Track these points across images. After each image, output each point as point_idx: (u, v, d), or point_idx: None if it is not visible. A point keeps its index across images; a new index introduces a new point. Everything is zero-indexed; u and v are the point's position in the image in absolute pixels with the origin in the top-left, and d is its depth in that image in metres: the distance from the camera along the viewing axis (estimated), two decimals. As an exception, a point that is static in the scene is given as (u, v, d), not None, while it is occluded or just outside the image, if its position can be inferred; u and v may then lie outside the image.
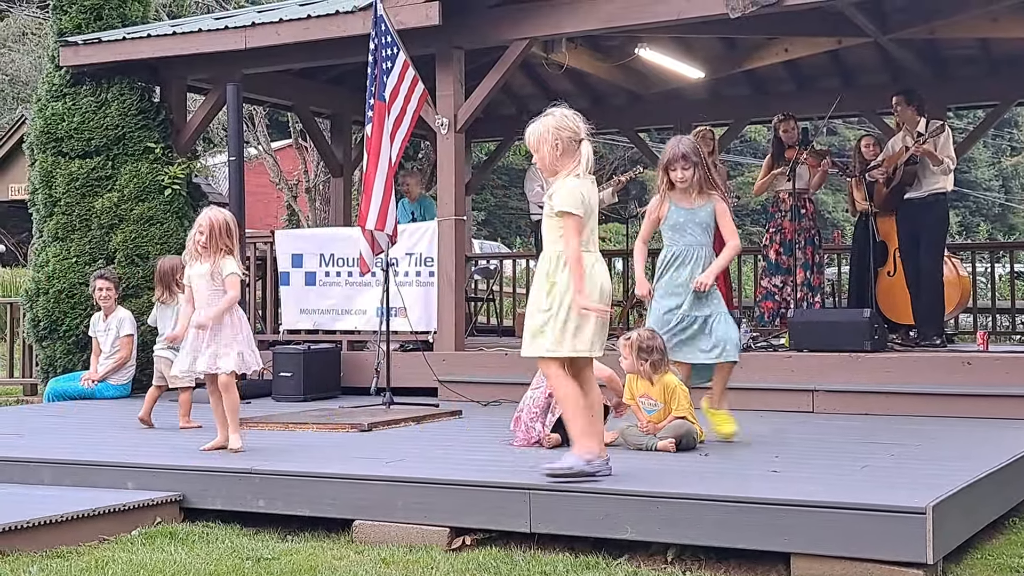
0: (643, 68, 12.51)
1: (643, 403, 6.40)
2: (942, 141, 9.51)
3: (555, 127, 5.31)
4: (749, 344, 9.45)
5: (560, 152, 5.32)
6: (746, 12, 8.80)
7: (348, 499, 5.62)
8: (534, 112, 5.61)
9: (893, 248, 10.13)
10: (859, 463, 5.84)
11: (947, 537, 4.72)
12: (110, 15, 11.27)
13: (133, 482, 6.12)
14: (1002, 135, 43.22)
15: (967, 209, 42.48)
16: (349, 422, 7.72)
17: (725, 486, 5.17)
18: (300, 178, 20.26)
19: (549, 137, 5.31)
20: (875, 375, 8.47)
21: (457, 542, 5.31)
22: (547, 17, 9.62)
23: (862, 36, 10.72)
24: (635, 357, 6.36)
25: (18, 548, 5.20)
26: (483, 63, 10.54)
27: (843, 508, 4.66)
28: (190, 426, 7.85)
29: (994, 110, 13.24)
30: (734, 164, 31.98)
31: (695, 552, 4.98)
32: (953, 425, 7.50)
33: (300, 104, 13.08)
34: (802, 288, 10.32)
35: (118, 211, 10.86)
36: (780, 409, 8.40)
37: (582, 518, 5.10)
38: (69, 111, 11.07)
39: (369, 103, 8.84)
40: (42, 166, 11.12)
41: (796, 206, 10.35)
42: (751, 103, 13.51)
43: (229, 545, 5.37)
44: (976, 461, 5.73)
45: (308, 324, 10.70)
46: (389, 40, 8.99)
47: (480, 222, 30.38)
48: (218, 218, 6.71)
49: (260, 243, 11.36)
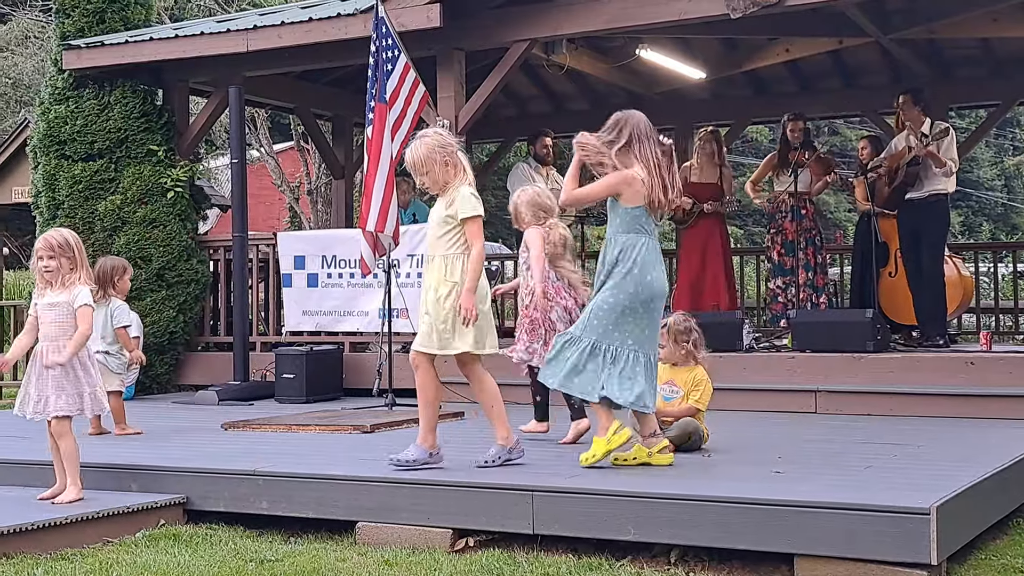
0: (644, 69, 12.51)
1: (663, 389, 6.35)
2: (946, 144, 9.51)
3: (439, 146, 5.75)
4: (752, 345, 9.46)
5: (449, 167, 5.76)
6: (747, 13, 8.80)
7: (351, 501, 5.63)
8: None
9: (895, 249, 10.14)
10: (862, 464, 5.84)
11: (951, 538, 4.71)
12: (113, 18, 11.28)
13: (137, 484, 6.13)
14: (1004, 135, 43.17)
15: (970, 209, 42.41)
16: (352, 424, 7.73)
17: (728, 487, 5.17)
18: (302, 180, 20.28)
19: (437, 157, 5.74)
20: (878, 375, 8.47)
21: (460, 544, 5.31)
22: (548, 18, 9.62)
23: (863, 36, 10.73)
24: (673, 343, 6.39)
25: (23, 550, 5.21)
26: (484, 65, 10.55)
27: (847, 509, 4.66)
28: (127, 432, 7.67)
29: (996, 110, 13.24)
30: (735, 165, 31.90)
31: (698, 553, 4.97)
32: (957, 425, 7.50)
33: (302, 106, 13.09)
34: (805, 288, 10.32)
35: (121, 214, 10.87)
36: (783, 410, 8.40)
37: (585, 520, 5.09)
38: (72, 114, 11.08)
39: (370, 105, 8.85)
40: (45, 169, 11.14)
41: (796, 207, 10.36)
42: (752, 104, 13.51)
43: (233, 547, 5.38)
44: (980, 462, 5.72)
45: (310, 326, 10.70)
46: (390, 42, 8.99)
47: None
48: (56, 238, 5.88)
49: (262, 245, 11.36)
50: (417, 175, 5.83)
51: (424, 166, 5.76)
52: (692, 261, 10.73)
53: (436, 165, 5.75)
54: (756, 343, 9.61)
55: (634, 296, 5.68)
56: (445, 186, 5.80)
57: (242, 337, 10.32)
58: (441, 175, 5.77)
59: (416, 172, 5.81)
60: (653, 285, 5.70)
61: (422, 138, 5.82)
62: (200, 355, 11.30)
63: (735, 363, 8.93)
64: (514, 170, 11.01)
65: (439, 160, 5.74)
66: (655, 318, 5.80)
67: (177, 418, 8.79)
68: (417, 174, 5.82)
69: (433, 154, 5.74)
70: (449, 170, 5.77)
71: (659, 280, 5.74)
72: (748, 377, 8.81)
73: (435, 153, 5.74)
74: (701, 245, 10.70)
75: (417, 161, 5.77)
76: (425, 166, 5.76)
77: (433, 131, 5.92)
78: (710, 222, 10.74)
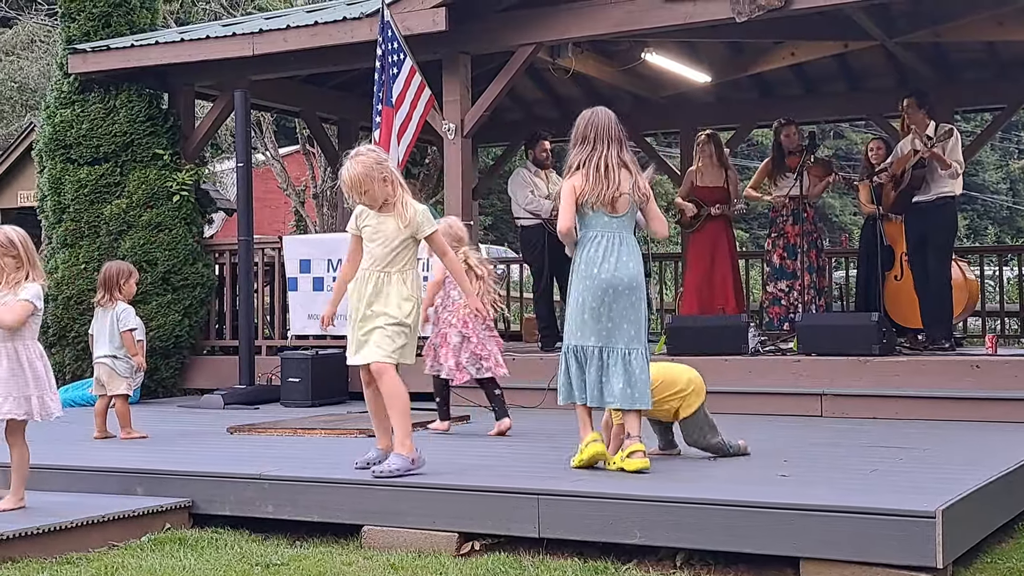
0: (649, 73, 12.51)
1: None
2: (951, 145, 9.49)
3: (375, 163, 5.75)
4: (757, 348, 9.45)
5: (387, 183, 5.75)
6: (752, 16, 8.80)
7: (356, 505, 5.63)
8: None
9: (900, 252, 10.13)
10: (868, 467, 5.83)
11: (957, 541, 4.71)
12: (118, 22, 11.30)
13: (142, 488, 6.13)
14: (1010, 138, 43.16)
15: (975, 212, 42.39)
16: (357, 428, 7.74)
17: (733, 490, 5.16)
18: (307, 184, 20.26)
19: (376, 175, 5.73)
20: (883, 379, 8.46)
21: (466, 547, 5.31)
22: (553, 22, 9.63)
23: (868, 40, 10.73)
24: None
25: (28, 554, 5.21)
26: (489, 68, 10.55)
27: (852, 512, 4.65)
28: (132, 436, 7.67)
29: (1001, 113, 13.23)
30: (741, 168, 31.90)
31: (703, 557, 4.97)
32: (962, 429, 7.49)
33: (307, 110, 13.10)
34: (809, 291, 10.31)
35: (126, 217, 10.89)
36: (788, 413, 8.40)
37: (590, 523, 5.09)
38: (78, 118, 11.10)
39: (376, 108, 8.87)
40: (51, 173, 11.16)
41: (796, 210, 10.36)
42: (757, 107, 13.51)
43: (238, 551, 5.38)
44: (985, 465, 5.72)
45: (316, 329, 10.68)
46: (396, 46, 9.01)
47: (487, 227, 30.41)
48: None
49: (268, 249, 11.37)
50: (354, 194, 5.78)
51: (363, 184, 5.72)
52: (701, 264, 10.72)
53: (375, 183, 5.72)
54: (762, 346, 9.60)
55: (583, 293, 5.74)
56: (385, 203, 5.77)
57: (247, 341, 10.33)
58: (380, 192, 5.75)
59: (354, 191, 5.76)
60: (600, 277, 5.72)
61: (356, 156, 5.78)
62: (205, 359, 11.31)
63: (740, 366, 8.93)
64: (514, 175, 11.02)
65: (377, 177, 5.72)
66: (619, 312, 5.73)
67: (182, 422, 8.80)
68: (355, 193, 5.77)
69: (371, 172, 5.71)
70: (387, 187, 5.75)
71: (607, 272, 5.72)
72: (753, 380, 8.81)
73: (372, 171, 5.72)
74: (709, 248, 10.70)
75: (355, 180, 5.72)
76: (364, 184, 5.72)
77: (366, 148, 5.91)
78: (717, 225, 10.74)
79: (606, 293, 5.71)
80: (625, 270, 5.75)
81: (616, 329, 5.73)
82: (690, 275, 10.87)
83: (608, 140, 5.78)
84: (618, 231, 5.80)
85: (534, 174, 10.78)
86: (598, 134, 5.80)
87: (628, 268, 5.76)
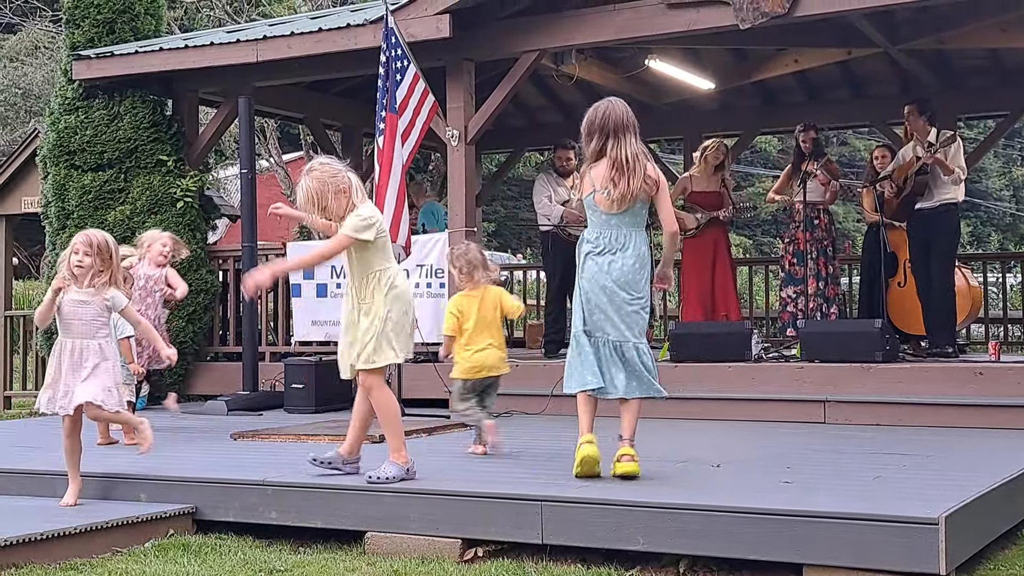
0: (653, 79, 12.53)
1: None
2: (953, 151, 9.50)
3: (329, 177, 5.71)
4: (760, 355, 9.45)
5: (341, 195, 5.71)
6: (756, 23, 8.81)
7: (360, 511, 5.64)
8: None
9: (903, 259, 10.13)
10: (871, 474, 5.83)
11: (960, 548, 4.71)
12: (122, 29, 11.33)
13: (146, 494, 6.15)
14: (1013, 145, 43.10)
15: (978, 219, 42.36)
16: (361, 434, 7.71)
17: (736, 497, 5.17)
18: (311, 190, 20.28)
19: (330, 188, 5.70)
20: (887, 386, 8.45)
21: (469, 554, 5.32)
22: (557, 29, 9.64)
23: (872, 47, 10.73)
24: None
25: (32, 560, 5.22)
26: (493, 75, 10.57)
27: (855, 519, 4.66)
28: (136, 442, 7.66)
29: (1004, 120, 13.23)
30: (744, 175, 31.95)
31: (707, 563, 4.98)
32: (965, 435, 7.49)
33: (311, 116, 13.12)
34: (815, 298, 10.31)
35: (131, 224, 10.90)
36: (792, 420, 8.40)
37: (594, 529, 5.10)
38: (82, 124, 11.12)
39: (380, 115, 8.87)
40: (55, 179, 11.18)
41: (809, 217, 10.35)
42: (761, 114, 13.51)
43: (242, 557, 5.39)
44: (989, 472, 5.72)
45: (320, 336, 10.71)
46: (400, 53, 9.02)
47: (490, 233, 30.43)
48: (96, 237, 6.14)
49: (272, 255, 11.38)
50: (315, 211, 5.76)
51: (320, 199, 5.70)
52: (702, 271, 10.66)
53: (330, 195, 5.69)
54: (765, 353, 9.60)
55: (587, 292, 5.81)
56: (346, 214, 5.74)
57: (251, 347, 10.33)
58: (336, 206, 5.72)
59: (312, 207, 5.74)
60: (582, 273, 5.83)
61: (310, 172, 5.74)
62: (209, 365, 11.32)
63: (744, 373, 8.92)
64: (536, 181, 11.13)
65: (331, 191, 5.69)
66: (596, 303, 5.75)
67: (186, 428, 8.80)
68: (315, 209, 5.75)
69: (325, 186, 5.69)
70: (342, 199, 5.71)
71: (589, 269, 5.78)
72: (757, 387, 8.80)
73: (326, 185, 5.69)
74: (710, 255, 10.68)
75: (310, 196, 5.70)
76: (321, 200, 5.70)
77: (318, 162, 5.83)
78: (716, 231, 10.74)
79: (604, 290, 5.73)
80: (625, 268, 5.74)
81: (621, 323, 5.73)
82: (692, 282, 10.83)
83: (625, 132, 5.72)
84: (619, 226, 5.78)
85: (556, 180, 10.81)
86: (616, 126, 5.72)
87: (628, 265, 5.75)
